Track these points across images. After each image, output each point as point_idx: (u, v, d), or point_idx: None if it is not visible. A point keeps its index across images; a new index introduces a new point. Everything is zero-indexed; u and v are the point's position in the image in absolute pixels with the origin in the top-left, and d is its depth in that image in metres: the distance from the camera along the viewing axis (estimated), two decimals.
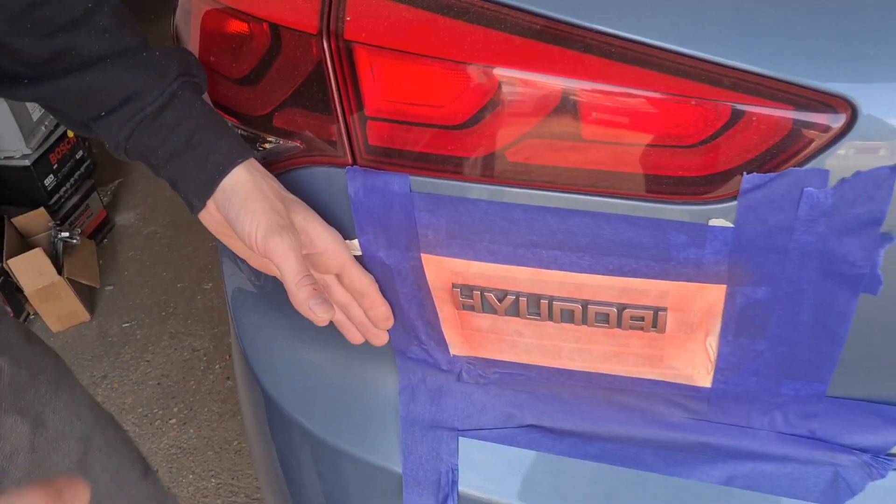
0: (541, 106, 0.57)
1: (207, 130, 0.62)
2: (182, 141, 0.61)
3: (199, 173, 0.61)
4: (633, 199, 0.58)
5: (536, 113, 0.57)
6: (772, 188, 0.54)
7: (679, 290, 0.61)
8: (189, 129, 0.61)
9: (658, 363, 0.67)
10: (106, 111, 0.61)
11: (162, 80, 0.61)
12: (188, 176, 0.61)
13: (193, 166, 0.61)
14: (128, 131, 0.62)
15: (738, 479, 0.69)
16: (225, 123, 0.64)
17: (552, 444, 0.73)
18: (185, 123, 0.61)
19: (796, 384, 0.66)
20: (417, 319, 0.71)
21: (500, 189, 0.61)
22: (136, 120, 0.61)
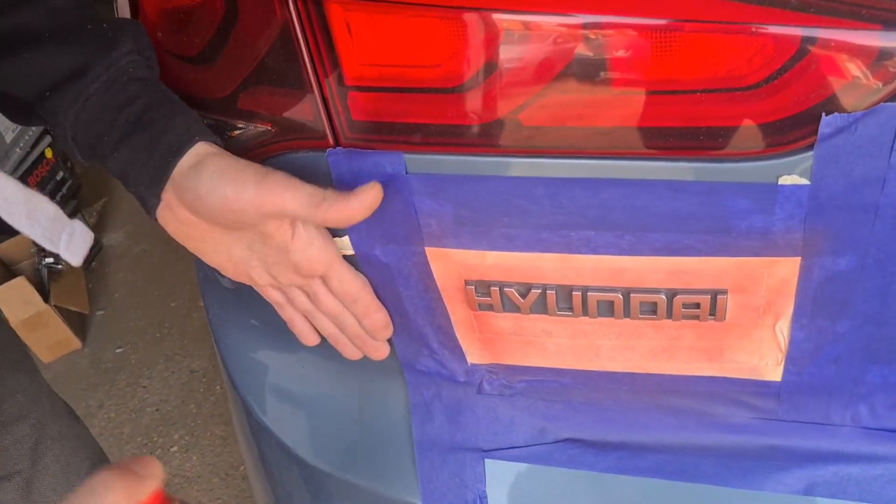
0: (557, 54, 0.46)
1: (160, 109, 0.53)
2: (131, 122, 0.52)
3: (150, 157, 0.51)
4: (679, 160, 0.47)
5: (553, 63, 0.46)
6: (857, 131, 0.43)
7: (742, 267, 0.50)
8: (139, 108, 0.53)
9: (717, 357, 0.56)
10: (50, 89, 0.54)
11: (108, 53, 0.53)
12: (139, 164, 0.51)
13: (143, 149, 0.51)
14: (73, 115, 0.53)
15: (819, 486, 0.59)
16: (181, 103, 0.54)
17: (595, 461, 0.62)
18: (136, 103, 0.53)
19: (886, 369, 0.55)
20: (426, 326, 0.60)
21: (514, 161, 0.50)
22: (81, 99, 0.53)
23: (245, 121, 0.56)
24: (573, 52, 0.45)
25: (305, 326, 0.62)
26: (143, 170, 0.52)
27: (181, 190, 0.52)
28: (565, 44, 0.45)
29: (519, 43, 0.46)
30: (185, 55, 0.58)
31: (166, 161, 0.51)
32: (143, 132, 0.52)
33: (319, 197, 0.50)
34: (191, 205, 0.52)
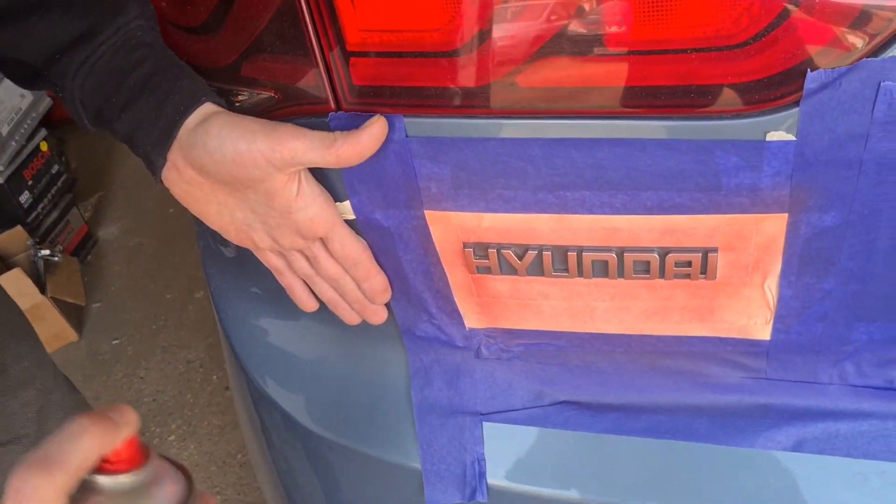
0: (552, 16, 0.47)
1: (167, 72, 0.54)
2: (138, 85, 0.54)
3: (157, 118, 0.53)
4: (671, 119, 0.49)
5: (548, 24, 0.48)
6: (841, 86, 0.45)
7: (732, 224, 0.52)
8: (146, 71, 0.54)
9: (708, 316, 0.58)
10: (59, 53, 0.55)
11: (115, 18, 0.55)
12: (145, 124, 0.53)
13: (151, 111, 0.53)
14: (81, 78, 0.55)
15: (808, 443, 0.60)
16: (187, 67, 0.56)
17: (591, 422, 0.64)
18: (143, 66, 0.54)
19: (871, 327, 0.56)
20: (425, 290, 0.62)
21: (511, 123, 0.52)
22: (89, 63, 0.55)
23: (249, 88, 0.58)
24: (567, 14, 0.47)
25: (304, 292, 0.63)
26: (149, 131, 0.54)
27: (188, 148, 0.53)
28: (559, 6, 0.47)
29: (514, 6, 0.48)
30: (190, 26, 0.59)
31: (173, 121, 0.53)
32: (149, 95, 0.53)
33: (330, 138, 0.51)
34: (198, 162, 0.53)
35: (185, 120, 0.53)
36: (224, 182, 0.55)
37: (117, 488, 0.38)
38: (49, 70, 0.56)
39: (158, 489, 0.39)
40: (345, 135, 0.52)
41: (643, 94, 0.49)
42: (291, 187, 0.55)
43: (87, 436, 0.37)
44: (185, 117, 0.53)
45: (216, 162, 0.53)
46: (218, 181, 0.55)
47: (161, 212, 2.43)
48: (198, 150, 0.53)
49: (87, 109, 0.56)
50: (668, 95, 0.48)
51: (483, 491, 0.65)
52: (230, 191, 0.56)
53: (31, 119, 2.14)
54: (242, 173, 0.53)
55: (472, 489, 0.65)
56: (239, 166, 0.53)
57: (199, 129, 0.53)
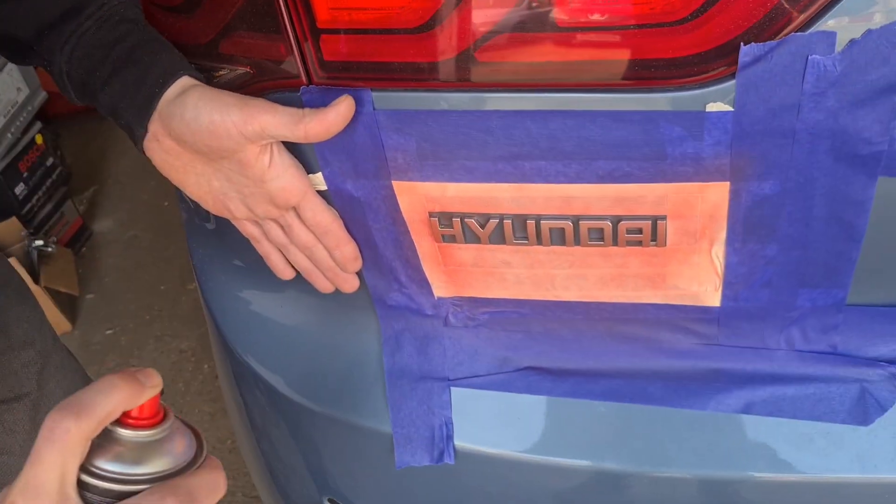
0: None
1: (148, 46, 0.58)
2: (121, 58, 0.57)
3: (138, 89, 0.56)
4: (619, 91, 0.52)
5: (503, 3, 0.51)
6: (773, 59, 0.48)
7: (678, 192, 0.55)
8: (128, 46, 0.58)
9: (661, 283, 0.61)
10: (47, 28, 0.58)
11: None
12: (127, 96, 0.56)
13: (132, 83, 0.56)
14: (69, 51, 0.58)
15: (756, 405, 0.64)
16: (167, 42, 0.59)
17: (552, 387, 0.67)
18: (126, 41, 0.58)
19: (813, 293, 0.60)
20: (395, 259, 0.65)
21: (472, 96, 0.55)
22: (75, 36, 0.58)
23: (226, 64, 0.61)
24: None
25: (280, 261, 0.66)
26: (131, 102, 0.57)
27: (167, 118, 0.56)
28: None
29: None
30: (171, 6, 0.63)
31: (152, 93, 0.56)
32: (132, 67, 0.57)
33: (299, 115, 0.55)
34: (177, 132, 0.57)
35: (165, 92, 0.56)
36: (201, 152, 0.58)
37: (134, 440, 0.43)
38: (39, 45, 0.59)
39: (171, 445, 0.44)
40: (313, 112, 0.55)
41: (593, 68, 0.52)
42: (264, 158, 0.58)
43: (115, 391, 0.41)
44: (164, 89, 0.56)
45: (192, 132, 0.56)
46: (195, 151, 0.58)
47: (155, 205, 2.46)
48: (176, 121, 0.56)
49: (73, 82, 0.59)
50: (615, 69, 0.51)
51: (450, 453, 0.68)
52: (207, 161, 0.59)
53: (27, 112, 2.17)
54: (216, 143, 0.56)
55: (439, 451, 0.69)
56: (213, 136, 0.56)
57: (178, 100, 0.56)
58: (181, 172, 0.60)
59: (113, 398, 0.41)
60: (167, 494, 0.41)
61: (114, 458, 0.42)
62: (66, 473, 0.40)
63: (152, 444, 0.43)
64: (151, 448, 0.43)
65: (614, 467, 0.65)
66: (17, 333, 0.85)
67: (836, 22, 0.47)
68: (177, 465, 0.43)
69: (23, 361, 0.85)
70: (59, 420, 0.40)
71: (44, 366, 0.87)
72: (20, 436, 0.85)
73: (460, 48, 0.53)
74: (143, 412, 0.43)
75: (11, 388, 0.84)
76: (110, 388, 0.41)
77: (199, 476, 0.43)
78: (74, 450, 0.40)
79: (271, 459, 0.82)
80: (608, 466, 0.66)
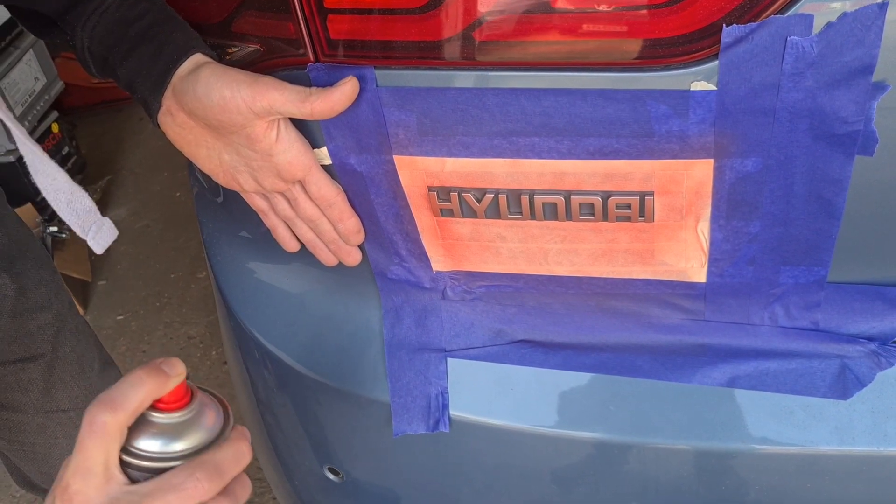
0: None
1: (164, 24, 0.61)
2: (139, 35, 0.60)
3: (153, 65, 0.59)
4: (609, 71, 0.55)
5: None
6: (754, 40, 0.51)
7: (665, 169, 0.58)
8: (146, 23, 0.61)
9: (649, 259, 0.64)
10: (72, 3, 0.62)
11: None
12: (143, 71, 0.60)
13: (148, 59, 0.59)
14: (91, 27, 0.61)
15: (740, 379, 0.66)
16: (183, 21, 0.62)
17: (545, 359, 0.70)
18: (144, 18, 0.61)
19: (795, 270, 0.62)
20: (396, 233, 0.68)
21: (470, 74, 0.58)
22: (97, 13, 0.61)
23: (238, 42, 0.64)
24: None
25: (287, 233, 0.70)
26: (147, 77, 0.60)
27: (180, 94, 0.59)
28: None
29: None
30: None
31: (167, 68, 0.59)
32: (148, 44, 0.60)
33: (305, 93, 0.58)
34: (189, 107, 0.60)
35: (178, 68, 0.59)
36: (211, 126, 0.61)
37: (166, 422, 0.49)
38: (62, 20, 0.62)
39: (200, 422, 0.49)
40: (319, 91, 0.58)
41: (585, 48, 0.55)
42: (271, 133, 0.61)
43: (143, 385, 0.47)
44: (178, 66, 0.59)
45: (204, 107, 0.59)
46: (206, 125, 0.61)
47: (167, 196, 2.50)
48: (188, 96, 0.60)
49: (94, 57, 0.63)
50: (605, 50, 0.54)
51: (445, 422, 0.71)
52: (217, 135, 0.62)
53: (44, 101, 2.22)
54: (226, 118, 0.59)
55: (435, 420, 0.71)
56: (224, 111, 0.59)
57: (191, 76, 0.59)
58: (193, 146, 0.64)
59: (142, 391, 0.47)
60: (196, 469, 0.47)
61: (150, 439, 0.48)
62: (109, 457, 0.46)
63: (182, 424, 0.49)
64: (182, 427, 0.49)
65: (602, 437, 0.68)
66: (34, 296, 0.89)
67: (814, 5, 0.49)
68: (207, 439, 0.49)
69: (39, 323, 0.89)
70: (98, 414, 0.46)
71: (59, 329, 0.91)
72: (33, 395, 0.89)
73: (460, 28, 0.56)
74: (172, 397, 0.48)
75: (27, 349, 0.88)
76: (139, 382, 0.47)
77: (224, 449, 0.49)
78: (113, 437, 0.46)
79: (274, 430, 0.85)
80: (596, 436, 0.68)
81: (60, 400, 0.93)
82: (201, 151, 0.64)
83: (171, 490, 0.46)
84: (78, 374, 0.94)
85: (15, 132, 0.68)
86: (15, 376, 0.88)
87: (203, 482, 0.47)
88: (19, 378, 0.88)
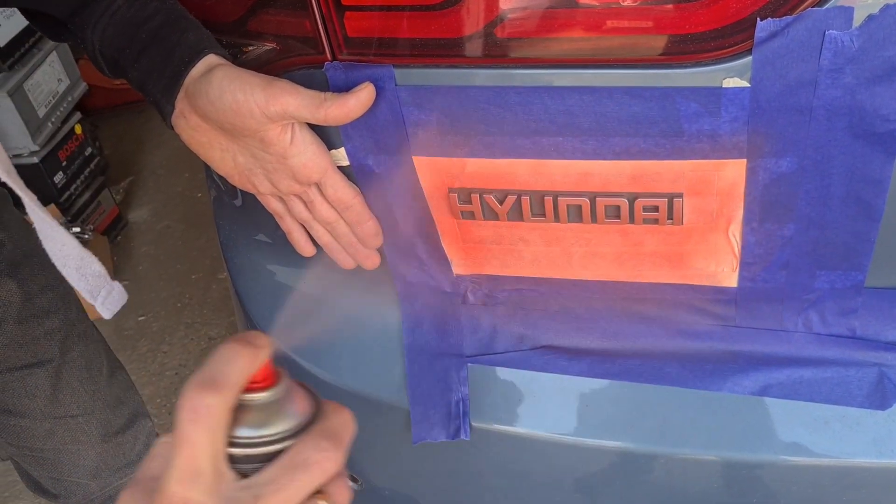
0: None
1: (176, 25, 0.60)
2: (150, 36, 0.59)
3: (165, 67, 0.58)
4: (636, 68, 0.53)
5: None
6: (789, 35, 0.48)
7: (695, 170, 0.55)
8: (157, 23, 0.59)
9: (678, 263, 0.62)
10: (81, 6, 0.61)
11: None
12: (155, 73, 0.58)
13: (160, 61, 0.58)
14: (101, 29, 0.60)
15: (773, 388, 0.63)
16: (195, 20, 0.61)
17: (569, 365, 0.68)
18: (155, 19, 0.60)
19: (832, 275, 0.60)
20: (415, 236, 0.66)
21: (491, 72, 0.56)
22: (107, 15, 0.60)
23: (254, 41, 0.62)
24: None
25: (302, 237, 0.68)
26: (159, 79, 0.59)
27: (193, 96, 0.58)
28: None
29: None
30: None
31: (179, 70, 0.58)
32: (159, 45, 0.58)
33: (320, 98, 0.56)
34: (202, 110, 0.58)
35: (190, 70, 0.58)
36: (225, 129, 0.60)
37: (264, 402, 0.42)
38: (72, 22, 0.61)
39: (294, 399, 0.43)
40: (334, 96, 0.57)
41: (610, 45, 0.52)
42: (285, 136, 0.59)
43: (239, 358, 0.40)
44: (190, 68, 0.58)
45: (217, 110, 0.58)
46: (220, 128, 0.60)
47: (189, 197, 2.50)
48: (201, 99, 0.58)
49: (105, 59, 0.61)
50: (631, 46, 0.52)
51: (466, 429, 0.69)
52: (231, 137, 0.61)
53: (67, 103, 2.23)
54: (240, 121, 0.58)
55: (455, 427, 0.69)
56: (237, 115, 0.57)
57: (203, 79, 0.58)
58: (207, 148, 0.62)
59: (239, 365, 0.40)
60: (319, 440, 0.41)
61: (250, 425, 0.41)
62: (217, 451, 0.39)
63: (280, 402, 0.43)
64: (280, 405, 0.43)
65: (627, 446, 0.66)
66: (41, 302, 0.88)
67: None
68: (310, 413, 0.43)
69: (46, 329, 0.88)
70: (200, 397, 0.38)
71: (67, 334, 0.90)
72: (40, 400, 0.88)
73: (479, 25, 0.54)
74: (264, 373, 0.42)
75: (34, 354, 0.87)
76: (234, 356, 0.40)
77: (334, 418, 0.43)
78: (220, 424, 0.39)
79: None
80: (622, 445, 0.66)
81: (68, 405, 0.92)
82: (215, 154, 0.63)
83: (298, 469, 0.40)
84: (86, 380, 0.93)
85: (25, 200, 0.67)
86: (22, 382, 0.88)
87: (331, 451, 0.40)
88: (26, 384, 0.88)
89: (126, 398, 1.00)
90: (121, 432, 0.98)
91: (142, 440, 1.01)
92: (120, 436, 0.98)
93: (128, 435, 0.99)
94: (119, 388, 0.99)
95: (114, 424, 0.97)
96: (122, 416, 0.99)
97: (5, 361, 0.87)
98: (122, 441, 0.99)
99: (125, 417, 0.99)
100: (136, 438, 1.00)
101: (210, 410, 0.38)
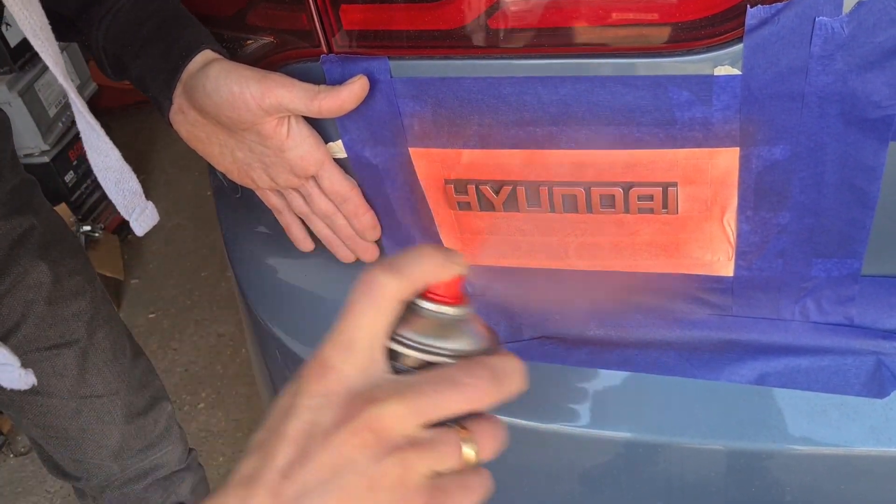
0: None
1: (174, 22, 0.61)
2: (150, 33, 0.60)
3: (163, 63, 0.59)
4: (628, 57, 0.53)
5: None
6: (780, 22, 0.48)
7: (688, 158, 0.56)
8: (157, 21, 0.61)
9: (673, 252, 0.62)
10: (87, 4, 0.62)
11: None
12: (154, 69, 0.59)
13: (158, 57, 0.59)
14: (105, 27, 0.62)
15: (770, 377, 0.64)
16: (192, 17, 0.62)
17: (567, 355, 0.68)
18: (155, 17, 0.61)
19: (828, 263, 0.60)
20: (413, 228, 0.67)
21: (484, 62, 0.56)
22: (112, 13, 0.61)
23: (251, 35, 0.63)
24: None
25: (301, 232, 0.69)
26: (157, 75, 0.60)
27: (190, 91, 0.59)
28: None
29: None
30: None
31: (176, 66, 0.59)
32: (158, 42, 0.60)
33: (314, 91, 0.57)
34: (199, 104, 0.59)
35: (187, 65, 0.59)
36: (222, 123, 0.61)
37: (439, 315, 0.42)
38: (79, 21, 0.62)
39: (472, 328, 0.43)
40: (328, 89, 0.57)
41: (602, 34, 0.53)
42: (282, 130, 0.60)
43: (428, 258, 0.41)
44: (187, 63, 0.59)
45: (214, 104, 0.59)
46: (217, 123, 0.61)
47: (199, 196, 2.52)
48: (199, 93, 0.59)
49: (108, 57, 0.63)
50: (623, 35, 0.52)
51: None
52: (229, 132, 0.62)
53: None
54: (236, 115, 0.59)
55: None
56: (233, 108, 0.58)
57: (200, 73, 0.59)
58: (206, 143, 0.63)
59: (425, 264, 0.40)
60: (476, 367, 0.40)
61: (418, 330, 0.41)
62: (377, 334, 0.39)
63: (455, 323, 0.42)
64: (454, 326, 0.42)
65: (627, 436, 0.66)
66: (69, 284, 0.91)
67: None
68: (479, 346, 0.42)
69: (74, 310, 0.91)
70: (378, 275, 0.39)
71: (93, 316, 0.93)
72: (68, 380, 0.91)
73: (473, 15, 0.54)
74: (449, 289, 0.42)
75: (62, 335, 0.90)
76: (423, 254, 0.41)
77: (503, 358, 0.42)
78: (388, 308, 0.39)
79: None
80: (621, 435, 0.66)
81: (94, 385, 0.95)
82: (214, 149, 0.63)
83: (446, 382, 0.39)
84: (111, 361, 0.96)
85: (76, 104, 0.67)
86: (50, 362, 0.90)
87: (483, 382, 0.39)
88: (55, 364, 0.90)
89: (148, 381, 1.03)
90: (143, 414, 1.01)
91: (162, 423, 1.04)
92: (142, 417, 1.01)
93: (149, 417, 1.02)
94: (141, 370, 1.02)
95: (136, 406, 1.00)
96: (144, 398, 1.02)
97: (35, 341, 0.90)
98: (143, 423, 1.01)
99: (147, 399, 1.02)
100: (156, 421, 1.03)
101: (383, 291, 0.39)
